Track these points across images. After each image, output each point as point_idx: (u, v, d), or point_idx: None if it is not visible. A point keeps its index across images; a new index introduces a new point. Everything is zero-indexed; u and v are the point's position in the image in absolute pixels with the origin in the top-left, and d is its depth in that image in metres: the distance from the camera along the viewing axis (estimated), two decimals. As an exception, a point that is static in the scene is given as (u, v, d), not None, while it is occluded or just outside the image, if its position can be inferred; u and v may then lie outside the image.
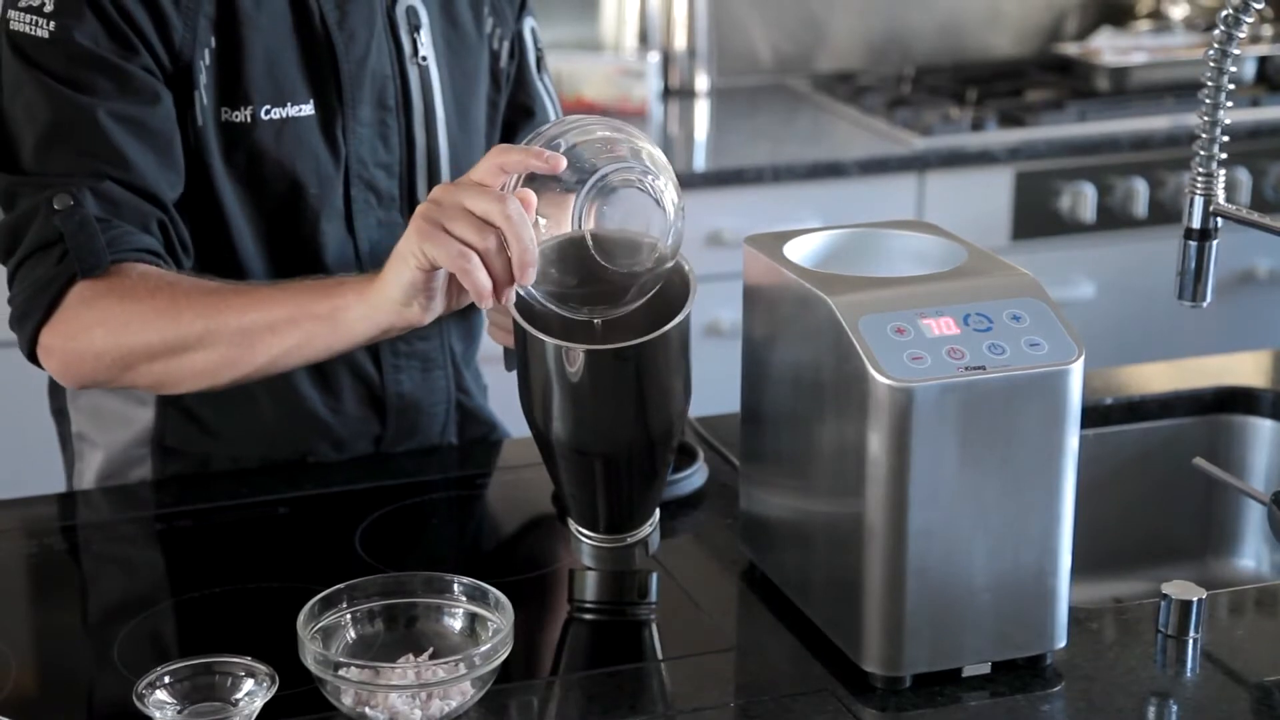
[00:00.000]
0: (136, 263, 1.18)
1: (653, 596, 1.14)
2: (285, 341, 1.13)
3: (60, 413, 1.40)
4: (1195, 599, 1.10)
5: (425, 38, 1.31)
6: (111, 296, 1.16)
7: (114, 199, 1.18)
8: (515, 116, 1.43)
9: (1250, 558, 1.46)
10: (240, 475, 1.34)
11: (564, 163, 1.02)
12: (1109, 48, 2.74)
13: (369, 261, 1.31)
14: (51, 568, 1.24)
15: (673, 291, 1.10)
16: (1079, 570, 1.08)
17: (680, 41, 2.69)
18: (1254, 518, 1.45)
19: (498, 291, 1.03)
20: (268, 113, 1.24)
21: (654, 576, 1.14)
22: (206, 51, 1.22)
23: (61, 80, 1.18)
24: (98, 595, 1.23)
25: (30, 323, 1.18)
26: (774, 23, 2.79)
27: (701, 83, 2.71)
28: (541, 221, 1.05)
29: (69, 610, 1.20)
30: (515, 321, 1.07)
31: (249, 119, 1.23)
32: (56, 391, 1.40)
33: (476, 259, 1.02)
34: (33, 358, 1.21)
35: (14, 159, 1.19)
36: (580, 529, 1.14)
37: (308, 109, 1.25)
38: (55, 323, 1.18)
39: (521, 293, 1.06)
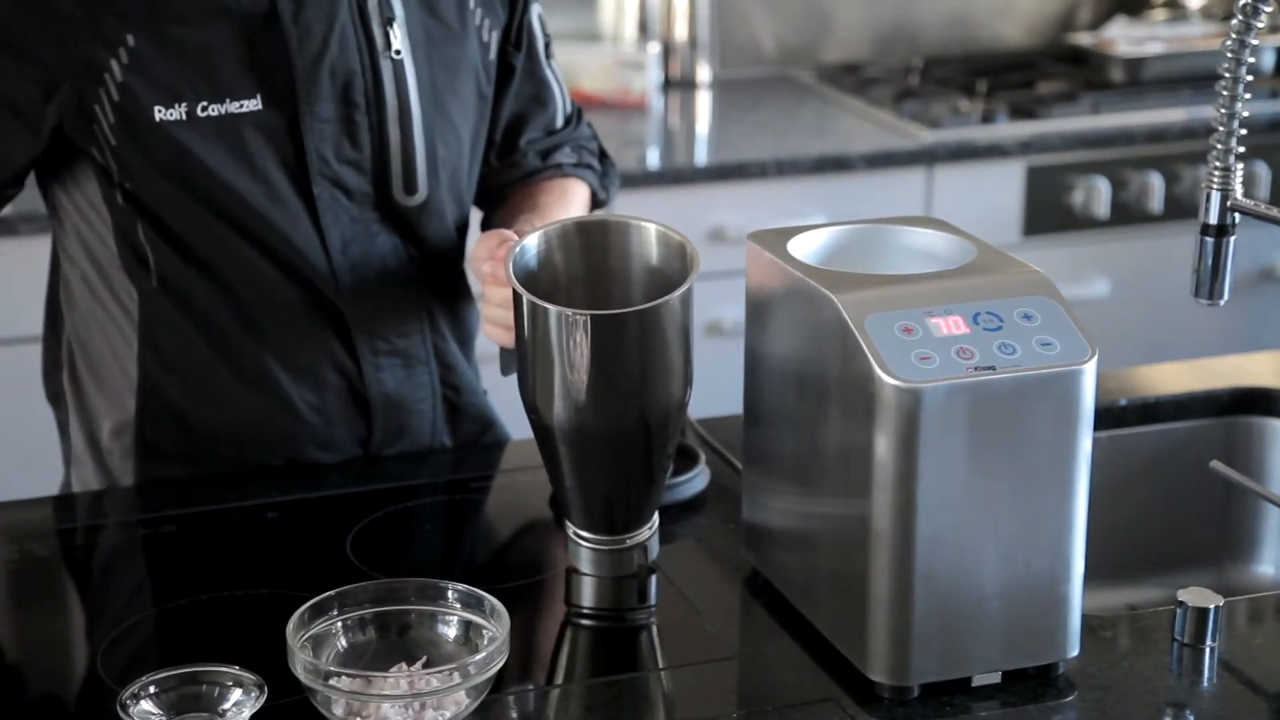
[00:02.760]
0: None
1: (652, 600, 1.13)
2: None
3: (56, 397, 1.39)
4: (1212, 606, 1.09)
5: (399, 31, 1.29)
6: None
7: None
8: (526, 106, 1.42)
9: (1269, 564, 1.45)
10: (227, 479, 1.33)
11: None
12: (1123, 38, 2.72)
13: (341, 259, 1.30)
14: (34, 574, 1.22)
15: (674, 269, 1.09)
16: (1092, 577, 1.08)
17: (681, 31, 2.68)
18: (1273, 522, 1.44)
19: None
20: (204, 109, 1.22)
21: (653, 578, 1.13)
22: (122, 50, 1.20)
23: None
24: (81, 602, 1.22)
25: None
26: (778, 12, 2.78)
27: (703, 74, 2.71)
28: None
29: (51, 618, 1.19)
30: (515, 291, 1.06)
31: (184, 116, 1.22)
32: (52, 375, 1.38)
33: None
34: None
35: None
36: (578, 531, 1.14)
37: (251, 104, 1.24)
38: None
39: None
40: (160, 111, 1.21)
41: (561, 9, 2.62)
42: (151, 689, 0.97)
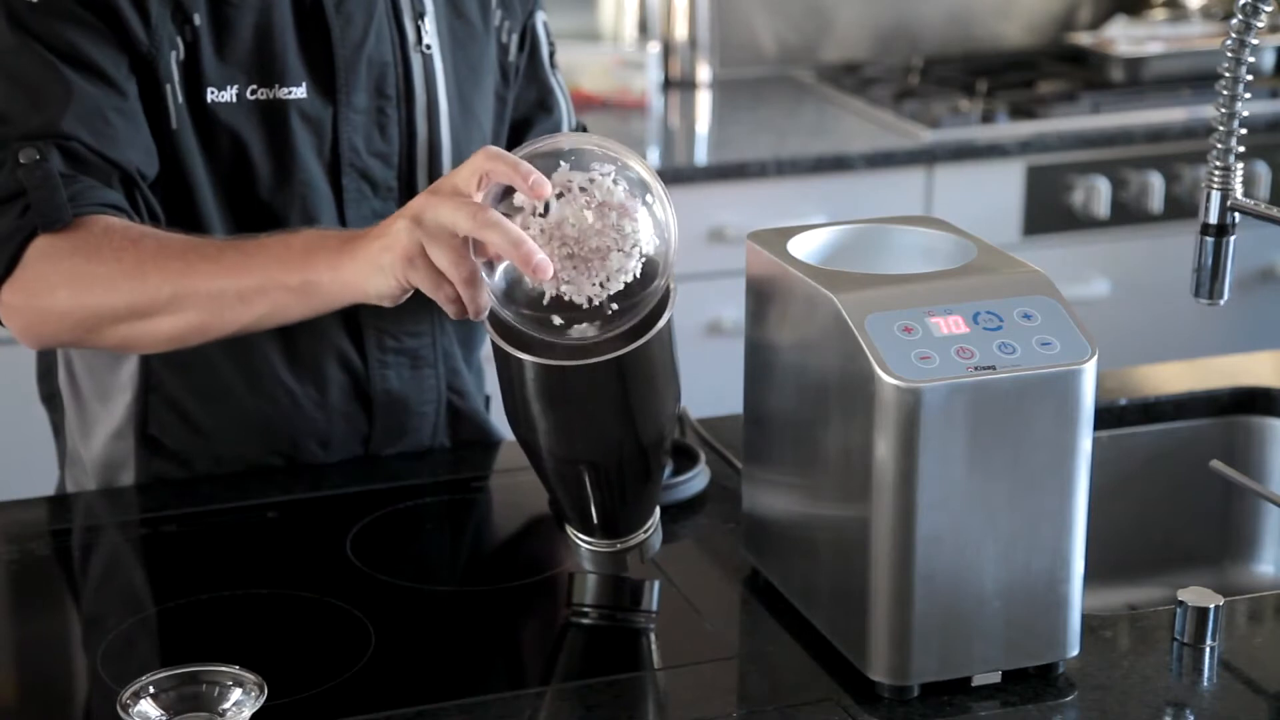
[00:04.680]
0: (101, 216, 1.17)
1: (647, 605, 1.12)
2: (255, 310, 1.13)
3: (51, 399, 1.38)
4: (1212, 606, 1.09)
5: (430, 26, 1.30)
6: (76, 255, 1.15)
7: (81, 159, 1.18)
8: (531, 112, 1.42)
9: (1269, 563, 1.45)
10: (228, 478, 1.32)
11: (548, 190, 1.00)
12: (1123, 37, 2.72)
13: None
14: (33, 574, 1.22)
15: (655, 285, 1.06)
16: (1092, 576, 1.07)
17: (681, 31, 2.68)
18: (1273, 522, 1.44)
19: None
20: (254, 93, 1.23)
21: (648, 584, 1.12)
22: (188, 28, 1.21)
23: (46, 45, 1.18)
24: (80, 602, 1.21)
25: None
26: (778, 12, 2.77)
27: (703, 74, 2.70)
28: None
29: (51, 617, 1.18)
30: (491, 341, 1.04)
31: (234, 98, 1.23)
32: (47, 376, 1.38)
33: (454, 290, 1.04)
34: None
35: None
36: (577, 534, 1.13)
37: (299, 92, 1.24)
38: (17, 279, 1.17)
39: (500, 314, 1.04)
40: (213, 93, 1.22)
41: (561, 9, 2.62)
42: (151, 689, 0.96)
